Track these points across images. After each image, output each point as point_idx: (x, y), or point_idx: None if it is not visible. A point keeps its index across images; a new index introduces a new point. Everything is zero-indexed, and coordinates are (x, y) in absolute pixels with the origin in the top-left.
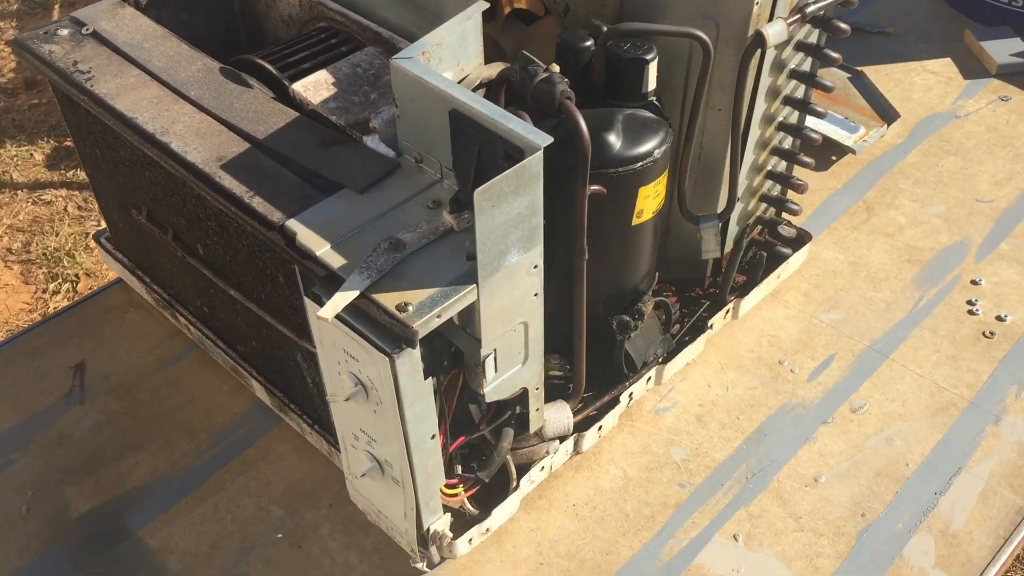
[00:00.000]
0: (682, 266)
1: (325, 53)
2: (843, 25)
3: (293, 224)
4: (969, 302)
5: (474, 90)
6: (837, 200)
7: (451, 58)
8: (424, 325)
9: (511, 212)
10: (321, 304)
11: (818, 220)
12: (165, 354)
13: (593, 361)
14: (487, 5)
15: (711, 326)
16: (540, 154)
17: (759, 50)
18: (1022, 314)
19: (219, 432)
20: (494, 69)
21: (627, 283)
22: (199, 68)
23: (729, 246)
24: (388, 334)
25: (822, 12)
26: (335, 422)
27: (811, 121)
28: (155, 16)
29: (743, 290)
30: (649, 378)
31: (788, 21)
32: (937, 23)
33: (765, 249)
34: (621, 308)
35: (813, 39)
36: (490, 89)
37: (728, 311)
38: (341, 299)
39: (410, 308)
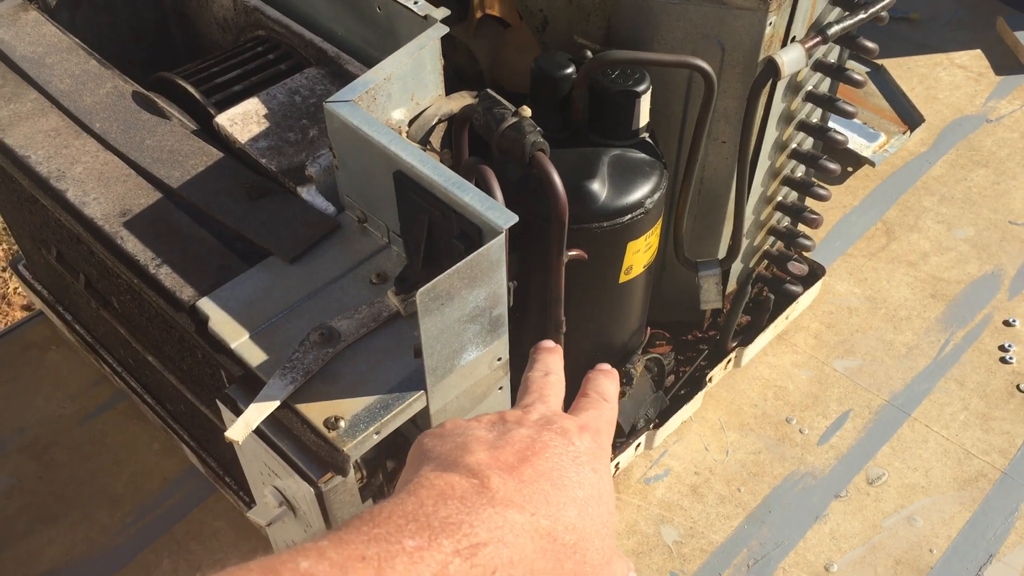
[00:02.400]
0: (678, 308)
1: (261, 71)
2: (871, 44)
3: (206, 304)
4: (1002, 348)
5: (433, 127)
6: (853, 220)
7: (403, 92)
8: (358, 446)
9: (466, 308)
10: (236, 410)
11: (832, 245)
12: (89, 404)
13: None
14: (445, 29)
15: (710, 379)
16: (502, 238)
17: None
18: None
19: (146, 502)
20: (458, 102)
21: (614, 344)
22: (108, 92)
23: (732, 286)
24: (314, 457)
25: (847, 32)
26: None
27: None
28: (68, 19)
29: (747, 335)
30: (639, 444)
31: (806, 45)
32: (966, 8)
33: (772, 286)
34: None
35: (834, 57)
36: (451, 127)
37: (730, 360)
38: (255, 414)
39: (342, 424)
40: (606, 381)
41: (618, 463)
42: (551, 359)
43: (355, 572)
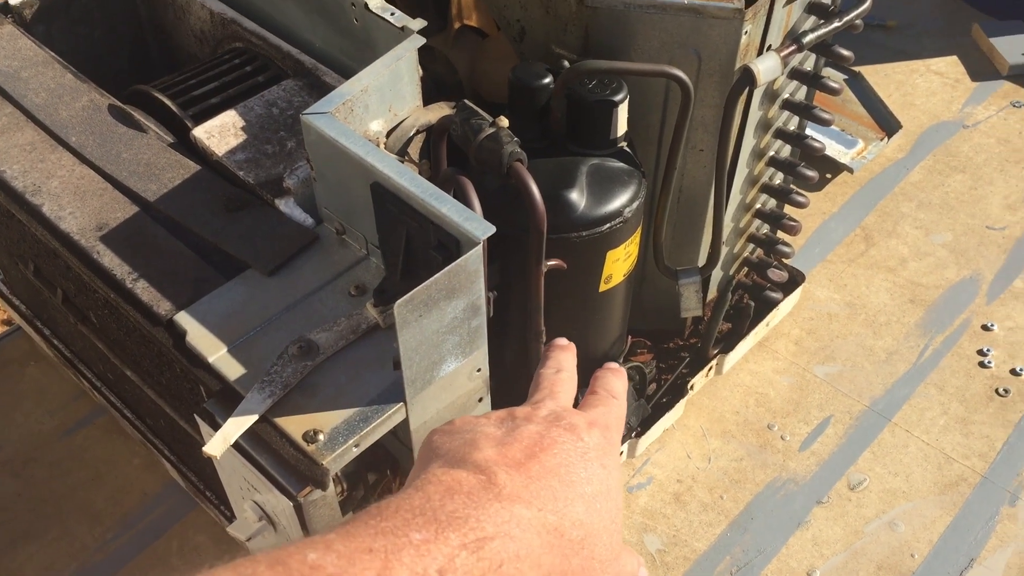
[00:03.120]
0: (659, 316)
1: (239, 83)
2: (846, 52)
3: (183, 318)
4: (980, 352)
5: (411, 138)
6: (832, 227)
7: (381, 103)
8: (337, 460)
9: (444, 319)
10: (214, 425)
11: (811, 251)
12: (68, 419)
13: None
14: (422, 40)
15: (692, 387)
16: (480, 249)
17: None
18: None
19: (127, 517)
20: (435, 112)
21: (594, 353)
22: (84, 105)
23: (713, 294)
24: (293, 471)
25: (822, 40)
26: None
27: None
28: (44, 32)
29: (728, 342)
30: (621, 453)
31: (782, 54)
32: (942, 15)
33: (753, 293)
34: (588, 380)
35: (810, 65)
36: (429, 138)
37: (711, 368)
38: (233, 428)
39: (321, 437)
40: (614, 378)
41: None
42: (564, 356)
43: (362, 564)
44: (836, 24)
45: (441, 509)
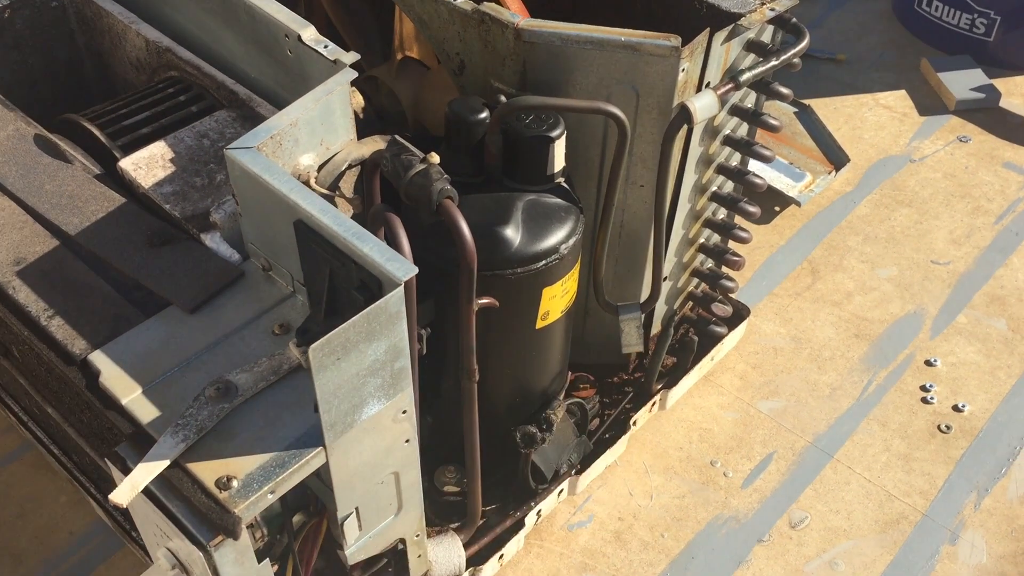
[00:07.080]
0: (603, 351)
1: (172, 113)
2: (784, 90)
3: (98, 358)
4: (923, 388)
5: (343, 172)
6: (780, 260)
7: (312, 137)
8: (251, 507)
9: (364, 362)
10: (125, 469)
11: (758, 284)
12: None
13: (498, 473)
14: (355, 74)
15: (635, 423)
16: (401, 291)
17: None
18: (981, 403)
19: (51, 557)
20: (369, 147)
21: (533, 389)
22: (8, 135)
23: (657, 328)
24: (204, 519)
25: (760, 78)
26: None
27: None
28: None
29: (672, 377)
30: (561, 490)
31: (719, 92)
32: (893, 49)
33: (697, 328)
34: (527, 416)
35: (750, 102)
36: (363, 173)
37: (655, 403)
38: (142, 474)
39: (234, 484)
40: None
41: (539, 511)
42: None
43: None
44: (774, 62)
45: None
